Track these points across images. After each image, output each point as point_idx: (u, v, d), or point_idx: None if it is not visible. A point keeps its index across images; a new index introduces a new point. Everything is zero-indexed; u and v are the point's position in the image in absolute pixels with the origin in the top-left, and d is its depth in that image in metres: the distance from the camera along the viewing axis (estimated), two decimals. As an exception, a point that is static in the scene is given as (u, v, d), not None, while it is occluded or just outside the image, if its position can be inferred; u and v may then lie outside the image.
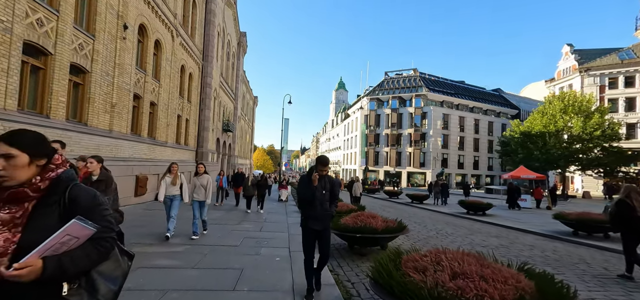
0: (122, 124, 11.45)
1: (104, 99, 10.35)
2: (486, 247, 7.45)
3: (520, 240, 8.64)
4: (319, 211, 3.72)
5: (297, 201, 4.62)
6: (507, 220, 12.38)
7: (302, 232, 3.89)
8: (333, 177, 4.00)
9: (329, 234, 3.93)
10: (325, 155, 4.05)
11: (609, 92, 39.79)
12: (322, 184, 3.76)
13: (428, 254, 3.32)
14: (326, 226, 3.80)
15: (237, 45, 33.01)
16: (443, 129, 53.00)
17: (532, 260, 6.14)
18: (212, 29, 21.39)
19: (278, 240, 6.90)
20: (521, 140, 34.86)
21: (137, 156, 12.61)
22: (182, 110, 17.90)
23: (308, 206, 3.76)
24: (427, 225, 10.65)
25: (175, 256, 5.20)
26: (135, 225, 7.71)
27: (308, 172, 3.89)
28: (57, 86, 8.23)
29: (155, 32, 13.82)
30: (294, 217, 10.83)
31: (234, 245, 6.20)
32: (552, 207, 18.53)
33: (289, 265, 5.03)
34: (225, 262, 5.06)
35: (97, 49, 9.83)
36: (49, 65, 8.11)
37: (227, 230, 7.87)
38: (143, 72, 12.99)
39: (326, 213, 3.78)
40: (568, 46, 45.82)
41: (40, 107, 8.00)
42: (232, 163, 30.72)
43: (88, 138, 9.52)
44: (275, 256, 5.56)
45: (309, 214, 3.75)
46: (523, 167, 21.70)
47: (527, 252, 6.94)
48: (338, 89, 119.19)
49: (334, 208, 3.93)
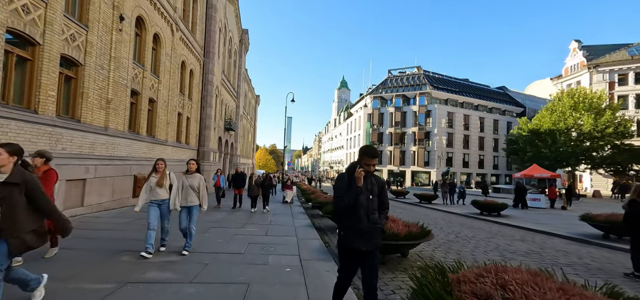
0: (119, 121, 10.83)
1: (98, 94, 9.73)
2: (515, 252, 6.76)
3: (549, 244, 7.94)
4: (364, 224, 2.70)
5: (334, 209, 3.19)
6: (525, 222, 11.67)
7: (338, 252, 2.90)
8: (380, 178, 2.96)
9: (377, 259, 2.83)
10: (373, 146, 2.88)
11: (619, 88, 38.88)
12: (368, 186, 2.77)
13: (485, 272, 2.63)
14: (376, 246, 2.75)
15: (238, 43, 32.38)
16: (447, 127, 52.18)
17: (572, 269, 5.47)
18: (214, 25, 20.75)
19: (286, 247, 6.25)
20: (529, 138, 34.10)
21: (136, 155, 11.99)
22: (182, 108, 17.28)
23: (349, 216, 2.72)
24: (443, 228, 9.97)
25: (170, 267, 4.55)
26: (129, 230, 7.07)
27: (349, 167, 2.87)
28: (46, 79, 7.60)
29: (154, 25, 13.18)
30: (300, 219, 10.19)
31: (238, 253, 5.55)
32: (568, 207, 17.78)
33: (301, 278, 4.37)
34: (229, 274, 4.40)
35: (90, 41, 9.20)
36: (37, 56, 7.48)
37: (230, 234, 7.22)
38: (141, 67, 12.36)
39: (375, 227, 2.74)
40: (576, 42, 44.91)
41: (27, 102, 7.37)
42: (235, 162, 30.11)
43: (81, 135, 8.89)
44: (285, 266, 4.90)
45: (349, 227, 2.72)
46: (536, 165, 20.95)
47: (564, 259, 6.25)
48: (340, 87, 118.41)
49: (384, 220, 2.87)
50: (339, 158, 75.45)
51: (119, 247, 5.52)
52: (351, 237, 2.70)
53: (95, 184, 9.45)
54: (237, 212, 11.34)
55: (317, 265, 5.00)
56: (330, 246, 6.86)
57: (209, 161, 20.53)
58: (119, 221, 8.19)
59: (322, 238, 7.48)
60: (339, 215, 2.85)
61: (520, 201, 17.30)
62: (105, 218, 8.56)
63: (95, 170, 9.37)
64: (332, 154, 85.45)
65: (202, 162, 19.94)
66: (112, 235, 6.52)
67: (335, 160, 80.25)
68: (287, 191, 15.12)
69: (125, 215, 9.01)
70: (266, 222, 9.41)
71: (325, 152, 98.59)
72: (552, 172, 21.96)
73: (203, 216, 9.77)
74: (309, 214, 11.91)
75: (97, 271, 4.23)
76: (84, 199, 8.99)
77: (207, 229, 7.73)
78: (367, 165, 2.75)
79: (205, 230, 7.53)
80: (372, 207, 2.75)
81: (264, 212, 11.73)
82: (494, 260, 3.00)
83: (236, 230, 7.83)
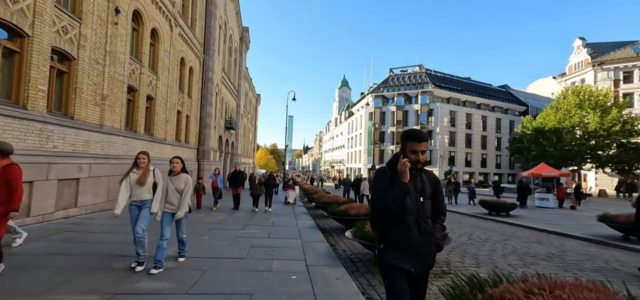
0: (115, 119, 10.42)
1: (93, 90, 9.32)
2: (535, 256, 6.33)
3: (567, 247, 7.50)
4: (414, 236, 1.99)
5: (371, 218, 2.42)
6: (537, 222, 11.24)
7: (382, 272, 2.11)
8: (433, 174, 2.25)
9: (427, 281, 2.14)
10: (420, 130, 2.18)
11: (624, 86, 38.39)
12: (417, 184, 2.06)
13: (536, 288, 2.20)
14: (429, 265, 2.07)
15: (239, 40, 31.95)
16: (450, 126, 51.74)
17: (602, 275, 5.03)
18: (214, 21, 20.33)
19: (291, 250, 5.83)
20: (534, 136, 33.60)
21: (133, 154, 11.51)
22: (182, 106, 16.86)
23: (393, 225, 2.02)
24: (454, 229, 9.53)
25: (165, 275, 4.13)
26: (124, 232, 6.64)
27: (390, 160, 2.15)
28: (35, 73, 7.19)
29: (151, 19, 12.76)
30: (304, 220, 9.76)
31: (240, 258, 5.13)
32: (577, 206, 17.33)
33: (309, 287, 3.95)
34: (230, 282, 3.98)
35: (84, 34, 8.78)
36: (26, 49, 7.06)
37: (231, 236, 6.80)
38: (138, 63, 11.95)
39: (429, 241, 2.03)
40: (580, 40, 44.38)
41: (15, 97, 6.96)
42: (235, 162, 29.68)
43: (74, 133, 8.48)
44: (291, 273, 4.48)
45: (393, 240, 2.02)
46: (544, 164, 20.45)
47: (589, 264, 5.81)
48: (341, 87, 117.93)
49: (440, 231, 2.13)
50: (340, 157, 75.03)
51: (111, 251, 5.12)
52: (395, 253, 1.99)
53: (90, 184, 9.04)
54: (238, 212, 10.92)
55: (326, 272, 4.58)
56: (337, 249, 6.44)
57: (209, 160, 20.12)
58: (113, 223, 7.75)
59: (328, 240, 7.07)
60: (379, 224, 2.15)
61: (520, 200, 16.92)
62: (99, 219, 8.14)
63: (90, 169, 8.96)
64: (333, 153, 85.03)
65: (203, 161, 19.54)
66: (105, 238, 6.11)
67: (336, 160, 79.82)
68: (289, 191, 14.59)
69: (121, 217, 8.55)
70: (268, 223, 8.99)
71: (327, 152, 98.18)
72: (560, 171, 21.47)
73: (202, 217, 9.37)
74: (312, 215, 11.49)
75: (84, 280, 3.81)
76: (78, 200, 8.58)
77: (207, 231, 7.32)
78: (414, 153, 2.03)
79: (204, 232, 7.12)
80: (424, 214, 2.05)
81: (266, 212, 11.35)
82: (512, 265, 2.57)
83: (237, 232, 7.41)
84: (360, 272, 4.99)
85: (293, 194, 14.38)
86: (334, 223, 9.66)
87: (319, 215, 11.56)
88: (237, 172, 12.42)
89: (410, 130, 2.14)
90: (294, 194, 14.57)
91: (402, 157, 2.03)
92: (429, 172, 2.20)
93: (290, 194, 14.33)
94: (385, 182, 2.06)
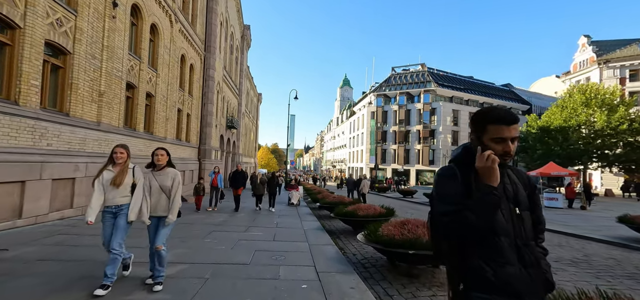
0: (113, 116, 10.04)
1: (90, 85, 8.94)
2: (559, 260, 5.92)
3: (589, 250, 7.10)
4: (515, 268, 1.26)
5: (434, 243, 1.45)
6: (552, 223, 10.78)
7: None
8: (522, 171, 1.68)
9: None
10: (507, 109, 1.42)
11: (630, 84, 37.86)
12: (507, 187, 1.38)
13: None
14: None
15: (240, 39, 31.57)
16: (453, 125, 51.27)
17: (637, 282, 4.63)
18: (215, 18, 19.95)
19: (298, 255, 5.44)
20: (539, 135, 33.12)
21: (132, 152, 11.16)
22: (182, 104, 16.49)
23: (478, 251, 1.28)
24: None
25: (163, 284, 3.74)
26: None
27: (460, 153, 1.48)
28: (28, 66, 6.82)
29: (151, 14, 12.39)
30: (309, 221, 9.37)
31: (244, 264, 4.74)
32: (587, 207, 16.90)
33: (322, 298, 3.56)
34: (233, 292, 3.60)
35: (80, 27, 8.40)
36: (17, 41, 6.70)
37: (233, 239, 6.42)
38: (137, 59, 11.58)
39: (536, 272, 1.32)
40: (585, 37, 43.83)
41: (6, 92, 6.59)
42: (237, 161, 29.31)
43: (69, 130, 8.11)
44: (300, 281, 4.10)
45: (482, 278, 1.26)
46: (552, 163, 19.98)
47: (619, 270, 5.41)
48: (343, 86, 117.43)
49: (543, 257, 1.43)
50: (342, 157, 74.61)
51: (105, 256, 4.70)
52: (484, 294, 1.25)
53: (87, 184, 8.66)
54: (240, 213, 10.54)
55: (338, 280, 4.19)
56: (347, 253, 6.06)
57: (210, 159, 19.76)
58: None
59: (336, 243, 6.68)
60: (449, 252, 1.38)
61: None
62: (95, 220, 7.74)
63: (86, 168, 8.59)
64: (335, 152, 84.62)
65: (204, 160, 19.18)
66: (99, 242, 5.72)
67: (338, 159, 79.42)
68: (293, 192, 14.08)
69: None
70: (272, 224, 8.61)
71: (328, 151, 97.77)
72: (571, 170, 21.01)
73: (203, 219, 8.99)
74: (317, 215, 11.11)
75: (73, 290, 3.44)
76: (74, 200, 8.22)
77: (208, 233, 6.94)
78: (501, 142, 1.33)
79: (205, 235, 6.74)
80: (524, 233, 1.33)
81: (270, 211, 11.01)
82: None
83: (240, 234, 7.03)
84: (375, 279, 4.60)
85: (297, 195, 13.93)
86: (340, 224, 9.28)
87: (324, 216, 11.17)
88: (239, 172, 11.92)
89: (493, 109, 1.38)
90: (298, 194, 14.12)
91: (479, 150, 1.35)
92: (517, 169, 1.51)
93: (294, 195, 13.89)
94: (456, 187, 1.34)
